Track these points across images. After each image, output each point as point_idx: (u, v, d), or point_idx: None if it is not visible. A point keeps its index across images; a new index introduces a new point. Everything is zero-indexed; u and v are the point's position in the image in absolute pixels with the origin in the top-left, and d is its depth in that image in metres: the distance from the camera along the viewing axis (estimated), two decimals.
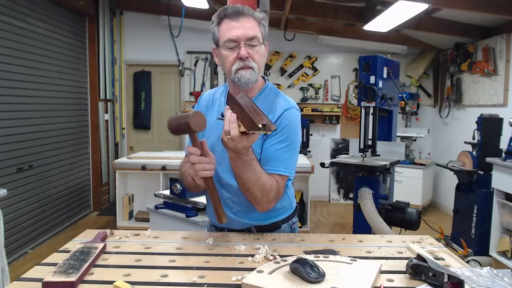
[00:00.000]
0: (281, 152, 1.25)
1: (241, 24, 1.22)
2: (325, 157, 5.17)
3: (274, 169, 1.24)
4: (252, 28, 1.23)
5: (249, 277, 0.95)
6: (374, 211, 2.62)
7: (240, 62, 1.22)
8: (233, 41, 1.22)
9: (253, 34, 1.22)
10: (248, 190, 1.20)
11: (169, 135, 5.84)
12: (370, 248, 1.22)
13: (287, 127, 1.26)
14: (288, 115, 1.27)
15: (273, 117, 1.27)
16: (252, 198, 1.22)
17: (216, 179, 1.29)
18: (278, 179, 1.25)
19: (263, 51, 1.28)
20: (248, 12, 1.24)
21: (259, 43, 1.25)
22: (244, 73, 1.22)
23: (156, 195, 3.03)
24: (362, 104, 2.95)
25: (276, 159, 1.25)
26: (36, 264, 1.07)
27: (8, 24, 3.38)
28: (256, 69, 1.24)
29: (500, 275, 0.98)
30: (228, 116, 1.07)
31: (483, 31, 4.46)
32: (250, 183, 1.18)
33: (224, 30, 1.24)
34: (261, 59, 1.27)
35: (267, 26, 1.30)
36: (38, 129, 3.84)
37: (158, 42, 5.62)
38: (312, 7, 4.67)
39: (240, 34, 1.21)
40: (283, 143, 1.25)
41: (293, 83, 5.72)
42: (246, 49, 1.22)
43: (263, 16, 1.28)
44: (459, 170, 3.71)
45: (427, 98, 5.74)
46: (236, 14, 1.22)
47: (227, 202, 1.34)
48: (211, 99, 1.41)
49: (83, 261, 1.02)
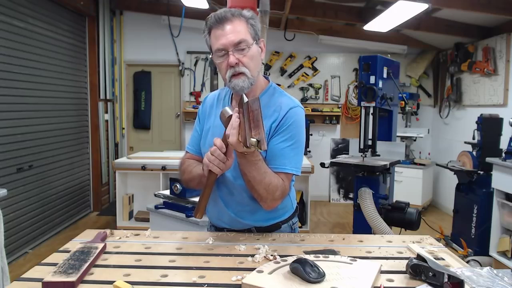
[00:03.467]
0: (287, 150, 1.26)
1: (226, 31, 1.22)
2: (325, 157, 5.16)
3: (280, 167, 1.25)
4: (237, 32, 1.22)
5: (249, 277, 0.95)
6: (374, 211, 2.62)
7: (231, 69, 1.23)
8: (222, 50, 1.23)
9: (239, 38, 1.21)
10: (254, 188, 1.21)
11: (169, 135, 5.86)
12: (370, 248, 1.22)
13: (293, 125, 1.27)
14: (293, 113, 1.28)
15: (279, 115, 1.27)
16: (258, 196, 1.23)
17: (222, 177, 1.30)
18: (284, 177, 1.26)
19: (254, 51, 1.26)
20: (232, 15, 1.23)
21: (247, 46, 1.23)
22: (237, 82, 1.23)
23: (156, 195, 3.03)
24: (362, 104, 2.95)
25: (282, 157, 1.26)
26: (36, 264, 1.07)
27: (8, 24, 3.38)
28: (248, 73, 1.24)
29: (500, 275, 0.98)
30: (232, 121, 1.08)
31: (483, 31, 4.46)
32: (255, 181, 1.19)
33: (213, 39, 1.25)
34: (253, 61, 1.25)
35: (258, 23, 1.28)
36: (38, 129, 3.84)
37: (158, 42, 5.63)
38: (312, 7, 4.67)
39: (226, 41, 1.21)
40: (289, 141, 1.26)
41: (293, 83, 5.72)
42: (235, 55, 1.22)
43: (251, 15, 1.27)
44: (459, 170, 3.71)
45: (427, 98, 5.74)
46: (220, 21, 1.22)
47: (229, 202, 1.34)
48: (216, 99, 1.43)
49: (83, 261, 1.02)
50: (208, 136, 1.36)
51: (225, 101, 1.40)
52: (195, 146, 1.44)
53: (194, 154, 1.44)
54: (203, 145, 1.40)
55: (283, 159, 1.26)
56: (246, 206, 1.32)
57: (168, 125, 5.88)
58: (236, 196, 1.32)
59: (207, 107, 1.44)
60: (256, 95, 1.31)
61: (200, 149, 1.42)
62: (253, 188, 1.21)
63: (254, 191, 1.22)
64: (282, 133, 1.26)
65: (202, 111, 1.45)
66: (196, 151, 1.44)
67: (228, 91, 1.42)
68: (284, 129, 1.26)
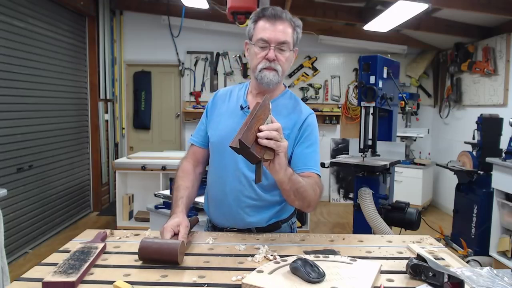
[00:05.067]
0: (314, 154, 1.35)
1: (275, 28, 1.28)
2: (325, 157, 5.17)
3: (313, 168, 1.31)
4: (285, 33, 1.28)
5: (249, 277, 0.95)
6: (374, 211, 2.62)
7: (266, 63, 1.29)
8: (264, 41, 1.28)
9: (284, 39, 1.28)
10: (301, 195, 1.19)
11: (169, 135, 5.87)
12: (370, 248, 1.22)
13: (315, 130, 1.37)
14: (312, 119, 1.38)
15: (298, 119, 1.35)
16: (307, 202, 1.23)
17: (233, 169, 1.33)
18: (316, 176, 1.31)
19: (290, 56, 1.33)
20: (285, 17, 1.30)
21: (288, 48, 1.30)
22: (268, 74, 1.29)
23: (156, 195, 3.03)
24: (362, 104, 2.95)
25: (312, 159, 1.33)
26: (36, 264, 1.07)
27: (8, 24, 3.38)
28: (280, 72, 1.31)
29: (500, 275, 0.98)
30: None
31: (483, 31, 4.46)
32: (302, 189, 1.18)
33: (259, 28, 1.30)
34: (287, 64, 1.32)
35: (300, 33, 1.36)
36: (38, 129, 3.84)
37: (158, 42, 5.62)
38: (312, 7, 4.67)
39: (272, 36, 1.27)
40: (314, 146, 1.35)
41: (293, 83, 5.72)
42: (275, 52, 1.28)
43: (299, 23, 1.34)
44: (459, 170, 3.71)
45: (427, 98, 5.74)
46: (274, 17, 1.28)
47: (238, 196, 1.34)
48: (229, 94, 1.46)
49: (83, 261, 1.02)
50: (220, 125, 1.39)
51: (240, 96, 1.42)
52: (199, 138, 1.47)
53: (198, 146, 1.47)
54: (215, 130, 1.41)
55: (313, 162, 1.33)
56: (257, 200, 1.34)
57: (168, 125, 5.88)
58: (247, 187, 1.33)
59: (217, 101, 1.47)
60: (274, 96, 1.38)
61: (204, 141, 1.46)
62: (301, 195, 1.19)
63: (302, 198, 1.20)
64: (305, 140, 1.34)
65: (212, 104, 1.48)
66: (201, 142, 1.47)
67: (243, 87, 1.45)
68: (306, 135, 1.34)
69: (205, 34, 5.59)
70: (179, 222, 1.19)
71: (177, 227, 1.18)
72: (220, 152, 1.38)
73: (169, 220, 1.22)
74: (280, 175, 1.08)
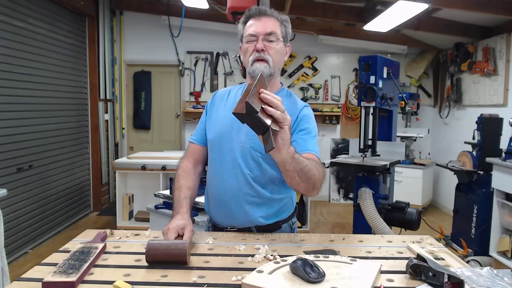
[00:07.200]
0: (312, 140, 1.35)
1: (262, 22, 1.34)
2: (325, 157, 5.17)
3: (312, 150, 1.31)
4: (271, 25, 1.34)
5: (249, 277, 0.95)
6: (374, 211, 2.62)
7: (256, 54, 1.32)
8: (253, 36, 1.33)
9: (271, 30, 1.33)
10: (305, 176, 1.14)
11: (169, 135, 5.87)
12: (370, 248, 1.22)
13: (311, 120, 1.39)
14: (307, 110, 1.41)
15: (294, 110, 1.36)
16: (312, 183, 1.17)
17: (231, 166, 1.35)
18: (317, 158, 1.29)
19: (280, 48, 1.36)
20: (271, 13, 1.36)
21: (277, 39, 1.34)
22: (259, 66, 1.32)
23: (156, 195, 3.03)
24: (362, 104, 2.95)
25: (310, 144, 1.33)
26: (36, 264, 1.07)
27: (8, 24, 3.38)
28: (271, 62, 1.33)
29: (500, 275, 0.98)
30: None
31: (483, 31, 4.46)
32: (306, 170, 1.14)
33: (247, 27, 1.37)
34: (277, 55, 1.35)
35: (289, 28, 1.41)
36: (38, 129, 3.84)
37: (158, 42, 5.63)
38: (312, 7, 4.67)
39: (259, 29, 1.33)
40: (311, 133, 1.36)
41: (293, 83, 5.72)
42: (263, 43, 1.32)
43: (285, 18, 1.40)
44: (459, 170, 3.71)
45: (427, 98, 5.74)
46: (259, 13, 1.35)
47: (237, 193, 1.35)
48: (227, 94, 1.49)
49: (83, 261, 1.02)
50: (218, 122, 1.41)
51: (237, 95, 1.44)
52: (199, 137, 1.49)
53: (198, 144, 1.48)
54: (213, 127, 1.43)
55: (311, 146, 1.32)
56: (251, 198, 1.34)
57: (168, 125, 5.88)
58: (243, 188, 1.34)
59: (216, 100, 1.50)
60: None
61: (203, 139, 1.47)
62: (305, 175, 1.14)
63: (307, 179, 1.15)
64: (302, 129, 1.35)
65: (211, 104, 1.51)
66: (200, 141, 1.48)
67: (242, 87, 1.47)
68: (302, 124, 1.35)
69: (205, 34, 5.59)
70: (185, 225, 1.19)
71: (181, 229, 1.18)
72: (218, 150, 1.39)
73: (173, 220, 1.22)
74: (283, 153, 1.03)
